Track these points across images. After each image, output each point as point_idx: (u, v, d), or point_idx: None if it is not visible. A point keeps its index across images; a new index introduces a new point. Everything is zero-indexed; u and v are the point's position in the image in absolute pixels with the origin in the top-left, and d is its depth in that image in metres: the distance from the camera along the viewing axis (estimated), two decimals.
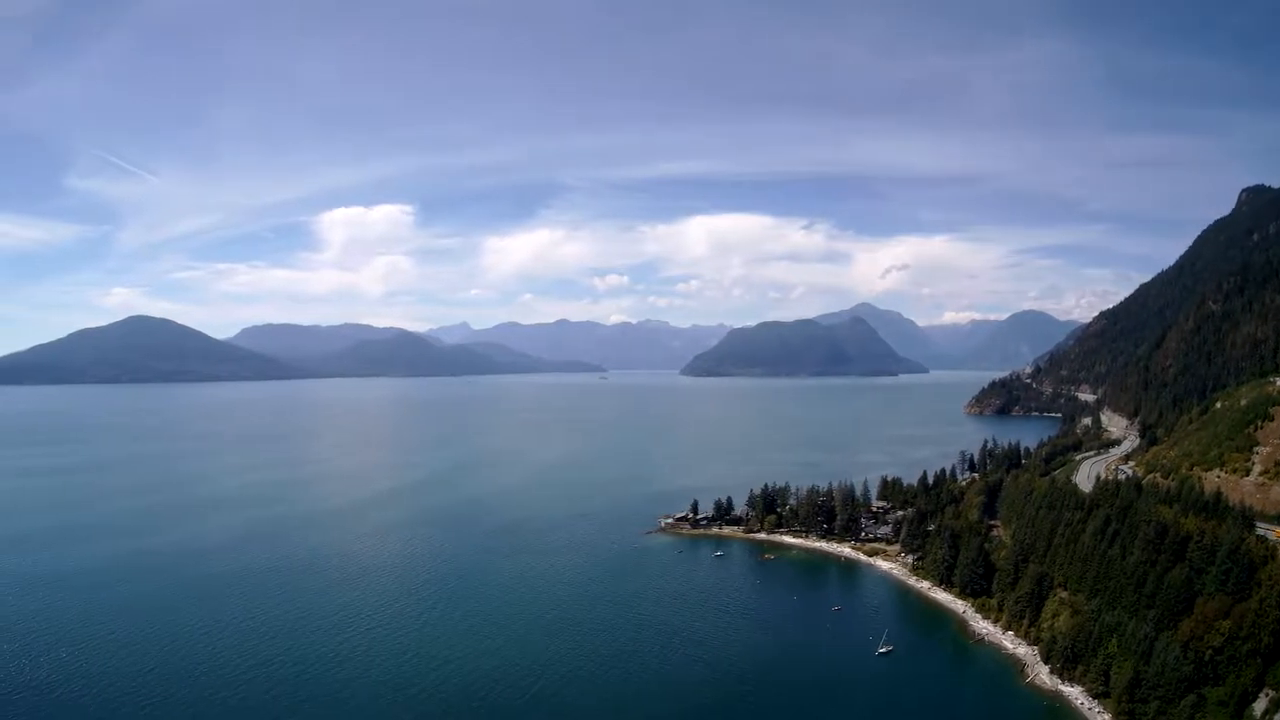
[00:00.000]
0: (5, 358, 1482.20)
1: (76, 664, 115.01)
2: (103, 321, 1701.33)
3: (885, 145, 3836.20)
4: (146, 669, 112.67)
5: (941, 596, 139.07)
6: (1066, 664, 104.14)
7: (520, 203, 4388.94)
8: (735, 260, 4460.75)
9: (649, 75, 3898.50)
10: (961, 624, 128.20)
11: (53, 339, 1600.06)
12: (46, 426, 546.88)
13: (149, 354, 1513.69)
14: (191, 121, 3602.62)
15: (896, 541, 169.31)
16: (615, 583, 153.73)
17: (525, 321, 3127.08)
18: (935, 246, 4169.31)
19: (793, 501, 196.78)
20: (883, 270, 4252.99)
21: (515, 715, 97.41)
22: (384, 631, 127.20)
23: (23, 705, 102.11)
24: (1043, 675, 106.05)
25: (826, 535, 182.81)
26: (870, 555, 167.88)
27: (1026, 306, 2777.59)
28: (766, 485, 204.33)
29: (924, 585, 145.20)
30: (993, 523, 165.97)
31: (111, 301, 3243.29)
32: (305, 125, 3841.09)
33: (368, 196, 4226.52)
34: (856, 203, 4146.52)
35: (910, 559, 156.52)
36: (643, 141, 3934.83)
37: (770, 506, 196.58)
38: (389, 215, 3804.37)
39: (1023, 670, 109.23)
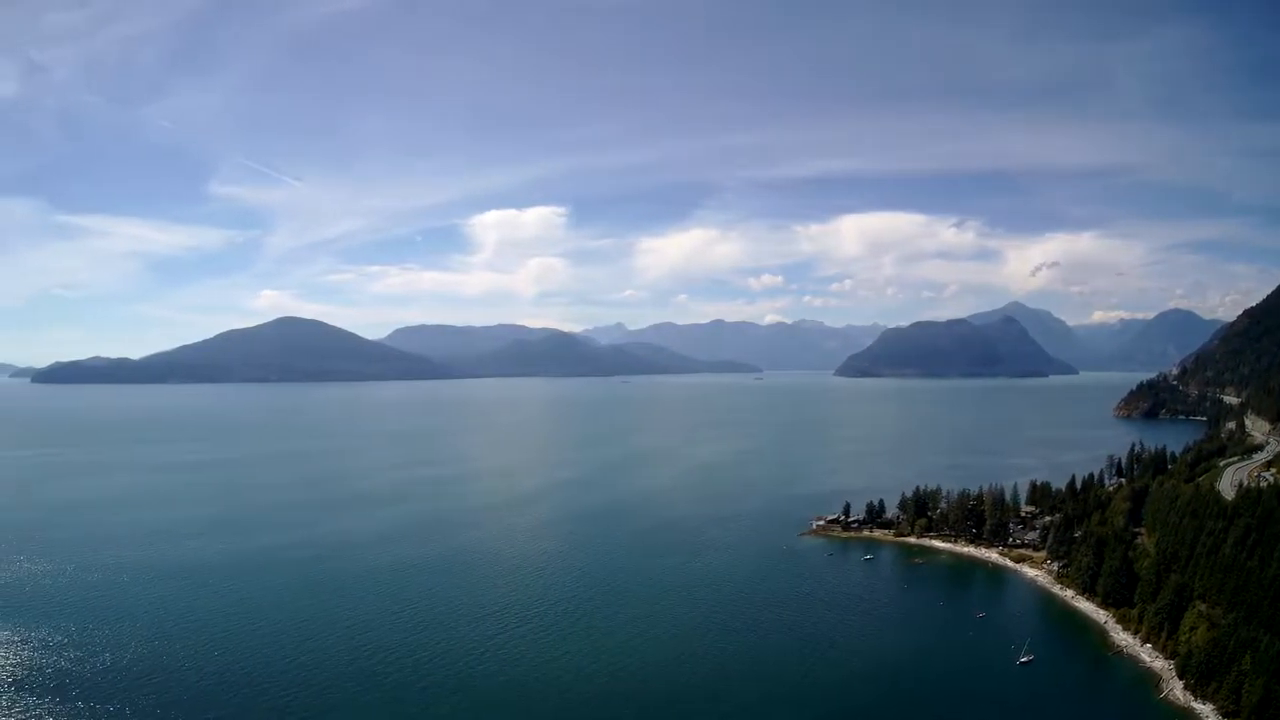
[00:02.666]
0: (152, 357, 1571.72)
1: (216, 652, 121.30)
2: (252, 323, 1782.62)
3: (1029, 138, 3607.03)
4: (293, 660, 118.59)
5: (1084, 606, 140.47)
6: (1200, 680, 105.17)
7: (672, 203, 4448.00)
8: (888, 259, 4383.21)
9: (794, 72, 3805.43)
10: (1102, 635, 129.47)
11: (199, 339, 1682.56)
12: (195, 423, 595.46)
13: (298, 354, 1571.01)
14: (337, 128, 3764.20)
15: (1043, 548, 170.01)
16: (766, 584, 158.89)
17: (680, 322, 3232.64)
18: (1083, 243, 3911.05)
19: (943, 505, 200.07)
20: (1032, 268, 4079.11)
21: (665, 714, 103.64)
22: (539, 629, 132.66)
23: (165, 691, 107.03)
24: (1176, 691, 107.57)
25: (975, 540, 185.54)
26: (1017, 561, 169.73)
27: (1173, 305, 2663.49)
28: (919, 488, 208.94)
29: (1068, 594, 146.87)
30: (1138, 530, 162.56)
31: (260, 304, 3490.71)
32: (454, 129, 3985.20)
33: (519, 199, 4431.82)
34: (1005, 199, 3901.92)
35: (1055, 566, 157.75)
36: (791, 140, 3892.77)
37: (921, 510, 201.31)
38: (542, 217, 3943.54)
39: (1158, 685, 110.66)
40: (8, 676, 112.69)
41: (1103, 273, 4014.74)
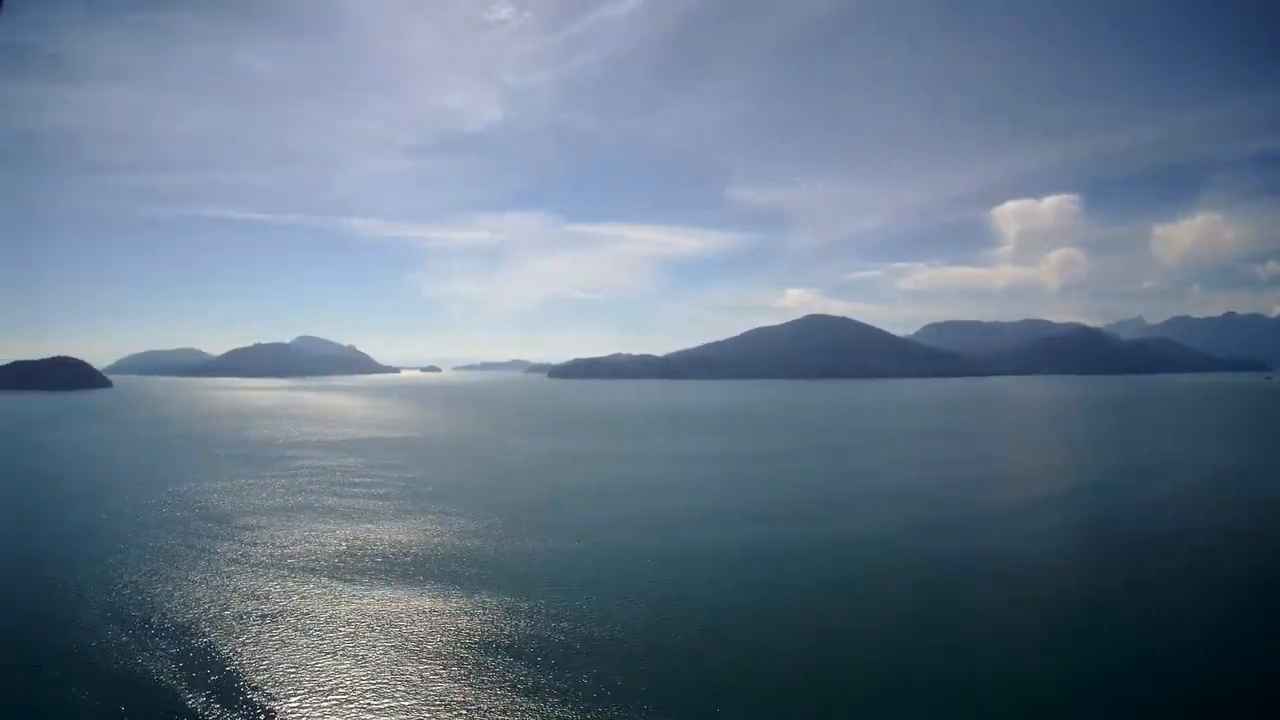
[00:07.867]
0: (674, 354, 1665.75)
1: (698, 635, 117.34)
2: (776, 321, 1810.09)
3: None
4: (781, 644, 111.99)
5: None
6: None
7: (1178, 185, 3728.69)
8: None
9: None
10: None
11: (723, 338, 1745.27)
12: (715, 416, 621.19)
13: (825, 351, 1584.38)
14: (842, 126, 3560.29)
15: None
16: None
17: (1196, 315, 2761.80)
18: None
19: None
20: None
21: None
22: (1072, 653, 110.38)
23: (641, 666, 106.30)
24: None
25: None
26: None
27: None
28: None
29: None
30: None
31: (787, 302, 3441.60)
32: (959, 118, 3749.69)
33: (1034, 187, 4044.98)
34: None
35: None
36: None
37: None
38: (1057, 206, 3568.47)
39: None
40: (506, 643, 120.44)
41: None
